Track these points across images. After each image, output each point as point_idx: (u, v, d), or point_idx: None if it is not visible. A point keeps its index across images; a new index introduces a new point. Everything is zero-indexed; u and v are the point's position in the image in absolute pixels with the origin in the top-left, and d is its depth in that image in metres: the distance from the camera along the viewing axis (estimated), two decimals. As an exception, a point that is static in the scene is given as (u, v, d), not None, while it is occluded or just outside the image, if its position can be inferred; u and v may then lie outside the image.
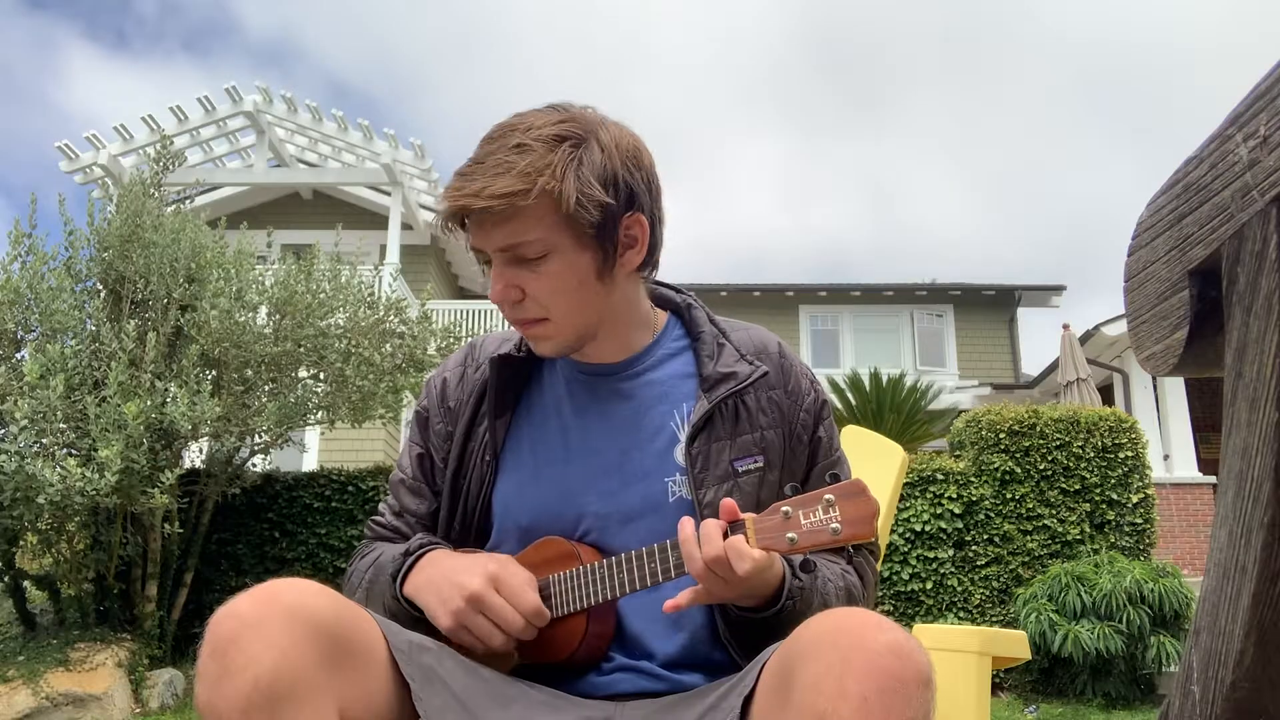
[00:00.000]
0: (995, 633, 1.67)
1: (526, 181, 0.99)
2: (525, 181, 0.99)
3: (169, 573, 5.72)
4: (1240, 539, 0.66)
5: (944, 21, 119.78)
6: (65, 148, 10.39)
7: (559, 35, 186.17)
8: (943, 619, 5.92)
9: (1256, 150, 0.65)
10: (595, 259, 1.05)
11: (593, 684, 1.06)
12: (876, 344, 14.94)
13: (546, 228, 1.01)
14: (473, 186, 0.99)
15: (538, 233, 1.01)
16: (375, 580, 1.13)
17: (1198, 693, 0.69)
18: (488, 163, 1.00)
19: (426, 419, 1.22)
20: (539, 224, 1.01)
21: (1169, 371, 0.79)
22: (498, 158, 1.00)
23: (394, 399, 6.11)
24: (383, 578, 1.11)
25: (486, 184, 0.99)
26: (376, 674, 0.89)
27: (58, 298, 4.94)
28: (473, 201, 0.99)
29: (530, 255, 1.02)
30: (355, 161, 11.84)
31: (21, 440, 4.44)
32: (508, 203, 0.99)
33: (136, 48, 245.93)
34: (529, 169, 0.99)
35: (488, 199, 0.98)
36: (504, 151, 1.00)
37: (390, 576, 1.10)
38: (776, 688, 0.83)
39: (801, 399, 1.17)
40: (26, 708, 4.55)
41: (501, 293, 1.05)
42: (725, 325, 1.20)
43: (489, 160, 1.00)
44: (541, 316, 1.06)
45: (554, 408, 1.17)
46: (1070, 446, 6.13)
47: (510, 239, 1.02)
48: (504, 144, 1.01)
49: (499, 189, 0.98)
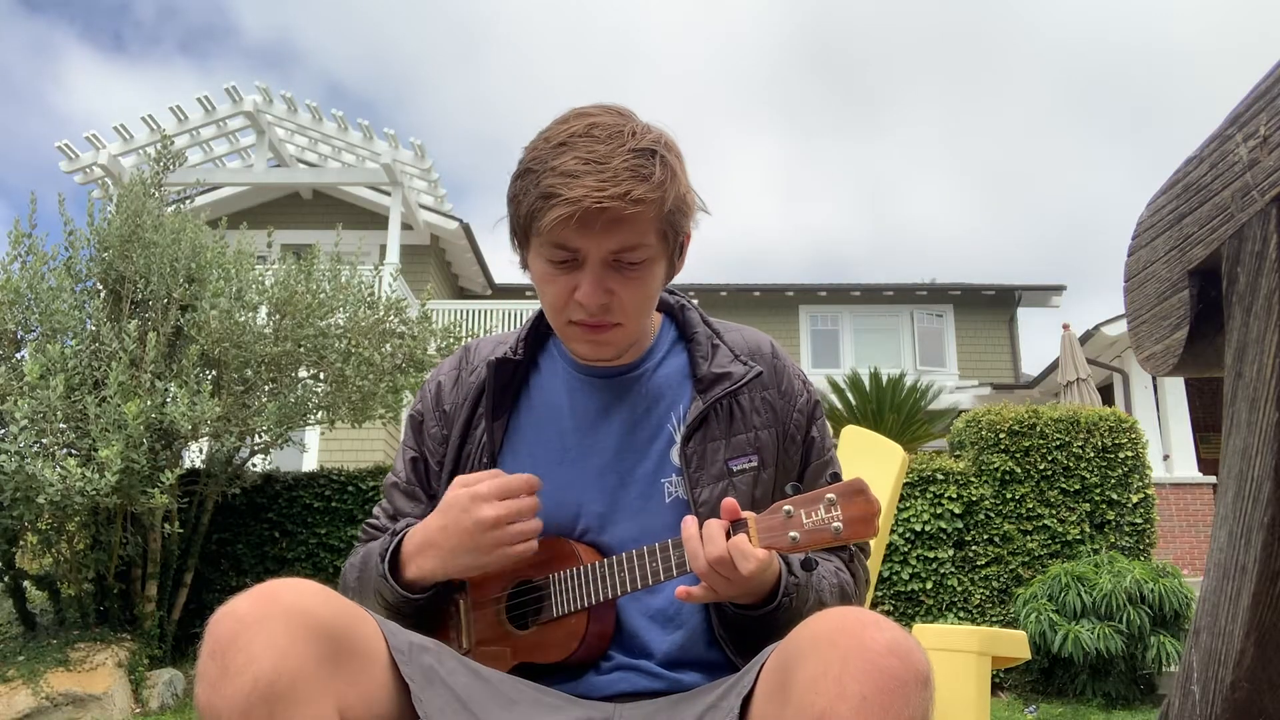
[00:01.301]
0: (995, 633, 1.67)
1: (661, 190, 0.99)
2: (660, 190, 0.99)
3: (169, 573, 5.72)
4: (1240, 539, 0.66)
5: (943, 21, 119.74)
6: (65, 148, 10.38)
7: (557, 38, 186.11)
8: (943, 619, 5.92)
9: (1256, 150, 0.65)
10: (668, 269, 1.08)
11: (592, 684, 1.06)
12: (876, 344, 14.94)
13: (655, 235, 1.02)
14: (614, 188, 0.96)
15: (649, 239, 1.02)
16: (365, 569, 1.13)
17: (1198, 693, 0.69)
18: (615, 164, 0.97)
19: (421, 423, 1.22)
20: (652, 231, 1.02)
21: (1169, 371, 0.79)
22: (626, 160, 0.98)
23: (394, 399, 6.11)
24: (371, 563, 1.12)
25: (630, 187, 0.97)
26: (376, 674, 0.89)
27: (58, 298, 4.94)
28: (618, 204, 0.96)
29: (634, 260, 1.02)
30: (355, 161, 11.84)
31: (21, 440, 4.44)
32: (645, 208, 0.98)
33: (134, 50, 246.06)
34: (663, 177, 0.99)
35: (631, 203, 0.97)
36: (628, 154, 0.98)
37: (379, 557, 1.10)
38: (775, 687, 0.83)
39: (794, 399, 1.17)
40: (26, 708, 4.55)
41: (594, 295, 1.02)
42: (719, 326, 1.21)
43: (615, 161, 0.97)
44: (617, 322, 1.06)
45: (552, 410, 1.17)
46: (1070, 446, 6.13)
47: (627, 242, 1.00)
48: (622, 144, 0.99)
49: (641, 193, 0.97)
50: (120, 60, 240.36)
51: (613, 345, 1.09)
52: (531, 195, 0.99)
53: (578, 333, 1.07)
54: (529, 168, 1.01)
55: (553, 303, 1.06)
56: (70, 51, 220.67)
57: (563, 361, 1.19)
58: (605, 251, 1.00)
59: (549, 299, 1.06)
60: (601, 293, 1.02)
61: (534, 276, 1.08)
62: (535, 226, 1.00)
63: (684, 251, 1.11)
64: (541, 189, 0.98)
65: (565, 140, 0.99)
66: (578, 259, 1.02)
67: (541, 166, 0.99)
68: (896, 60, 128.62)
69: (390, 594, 1.08)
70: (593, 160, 0.97)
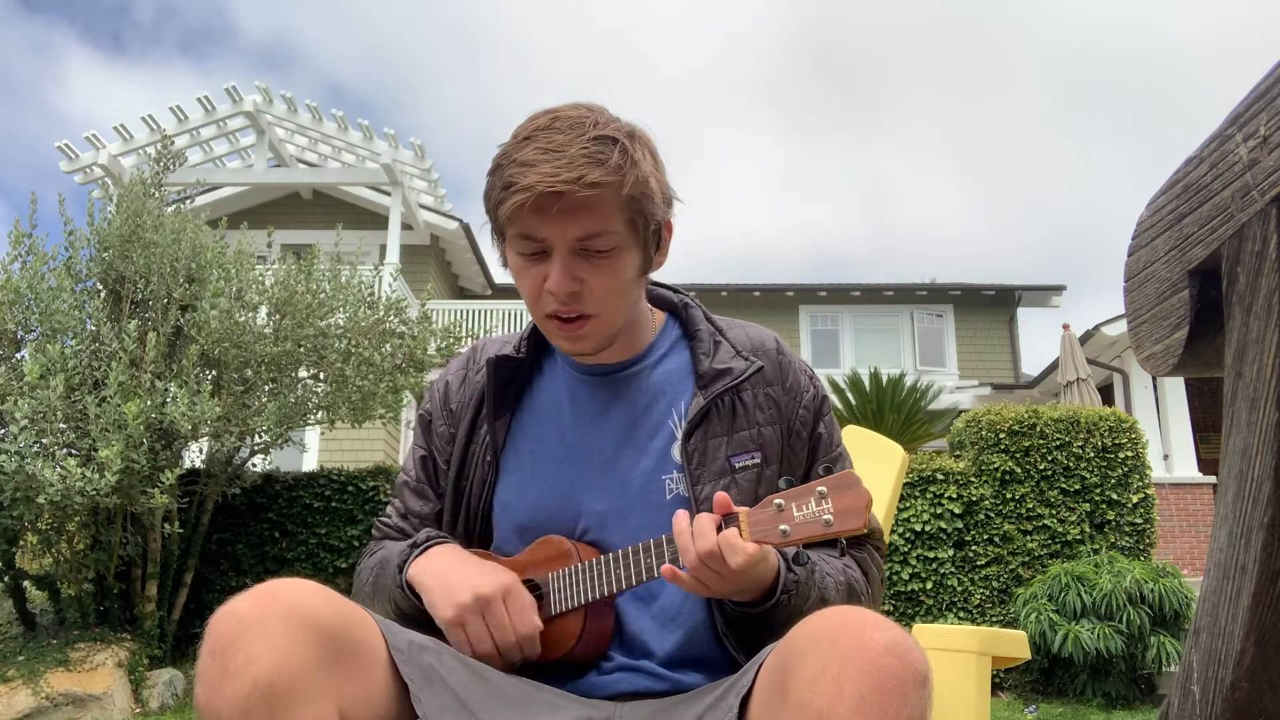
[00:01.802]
0: (995, 633, 1.67)
1: (619, 174, 1.00)
2: (617, 174, 0.99)
3: (169, 573, 5.72)
4: (1240, 539, 0.66)
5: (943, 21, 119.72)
6: (65, 148, 10.38)
7: (555, 39, 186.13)
8: (943, 619, 5.92)
9: (1256, 150, 0.65)
10: (642, 259, 1.08)
11: (593, 684, 1.06)
12: (876, 344, 14.94)
13: (621, 222, 1.02)
14: (568, 173, 0.97)
15: (615, 226, 1.02)
16: (382, 572, 1.14)
17: (1198, 693, 0.69)
18: (572, 151, 0.98)
19: (429, 422, 1.23)
20: (617, 218, 1.02)
21: (1169, 371, 0.79)
22: (584, 147, 0.99)
23: (394, 399, 6.11)
24: (389, 569, 1.13)
25: (584, 171, 0.97)
26: (376, 674, 0.89)
27: (58, 298, 4.94)
28: (572, 188, 0.97)
29: (601, 248, 1.02)
30: (355, 161, 11.84)
31: (21, 440, 4.44)
32: (601, 192, 0.99)
33: (133, 51, 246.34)
34: (621, 162, 1.00)
35: (586, 186, 0.97)
36: (586, 141, 0.99)
37: (396, 568, 1.11)
38: (774, 687, 0.83)
39: (800, 395, 1.17)
40: (26, 708, 4.55)
41: (562, 283, 1.02)
42: (722, 323, 1.21)
43: (573, 149, 0.98)
44: (591, 313, 1.06)
45: (554, 408, 1.17)
46: (1070, 446, 6.13)
47: (590, 229, 1.01)
48: (581, 134, 1.00)
49: (596, 177, 0.98)
50: (120, 61, 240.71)
51: (589, 339, 1.08)
52: (497, 189, 1.02)
53: (552, 326, 1.08)
54: (497, 163, 1.03)
55: (529, 295, 1.07)
56: (70, 52, 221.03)
57: (563, 360, 1.19)
58: (570, 239, 1.01)
59: (525, 292, 1.07)
60: (569, 280, 1.02)
61: (511, 271, 1.08)
62: (500, 217, 1.02)
63: (662, 243, 1.10)
64: (503, 180, 1.00)
65: (529, 134, 1.01)
66: (545, 249, 1.03)
67: (506, 160, 1.01)
68: (896, 60, 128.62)
69: (404, 602, 1.10)
70: (550, 149, 0.99)
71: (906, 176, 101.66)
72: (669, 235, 1.11)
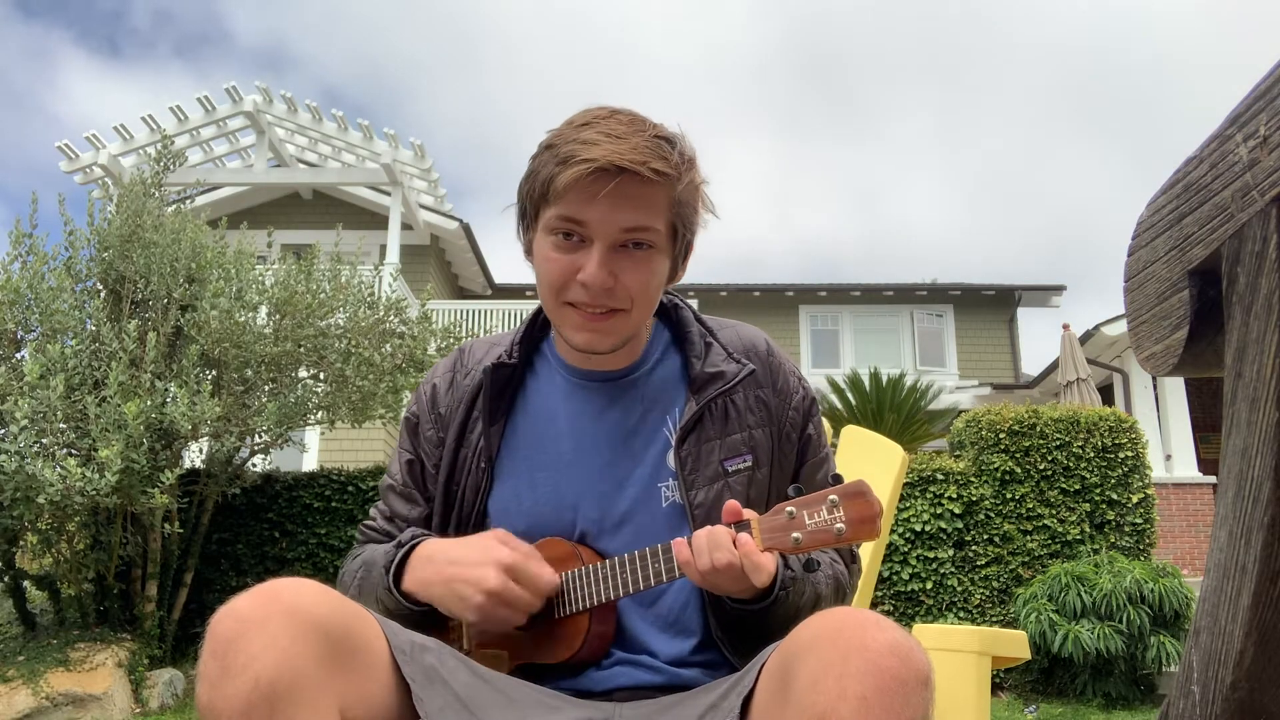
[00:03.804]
0: (995, 633, 1.67)
1: (678, 171, 1.01)
2: (677, 170, 1.01)
3: (169, 573, 5.72)
4: (1240, 539, 0.66)
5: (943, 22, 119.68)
6: (65, 148, 10.38)
7: (549, 42, 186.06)
8: (943, 619, 5.92)
9: (1256, 150, 0.65)
10: (670, 268, 1.09)
11: (593, 679, 1.06)
12: (876, 344, 14.94)
13: (664, 223, 1.03)
14: (635, 155, 0.97)
15: (659, 224, 1.03)
16: (367, 576, 1.13)
17: (1198, 693, 0.69)
18: (636, 140, 0.99)
19: (416, 425, 1.22)
20: (662, 218, 1.03)
21: (1169, 371, 0.79)
22: (648, 140, 0.99)
23: (394, 399, 6.11)
24: (375, 571, 1.11)
25: (649, 158, 0.98)
26: (377, 674, 0.89)
27: (58, 298, 4.94)
28: (639, 169, 0.97)
29: (645, 243, 1.03)
30: (355, 161, 11.83)
31: (21, 440, 4.44)
32: (660, 184, 1.00)
33: (129, 55, 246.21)
34: (680, 162, 1.01)
35: (651, 171, 0.98)
36: (649, 137, 1.00)
37: (383, 569, 1.09)
38: (776, 687, 0.83)
39: (790, 397, 1.17)
40: (26, 708, 4.55)
41: (598, 276, 1.01)
42: (713, 324, 1.21)
43: (637, 138, 0.99)
44: (621, 307, 1.05)
45: (549, 414, 1.16)
46: (1070, 446, 6.13)
47: (638, 221, 1.01)
48: (643, 129, 1.01)
49: (661, 166, 0.99)
50: (116, 65, 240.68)
51: (614, 335, 1.07)
52: (550, 164, 1.01)
53: (575, 317, 1.06)
54: (550, 144, 1.03)
55: (552, 281, 1.05)
56: (66, 56, 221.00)
57: (557, 365, 1.18)
58: (617, 228, 1.01)
59: (549, 277, 1.05)
60: (606, 274, 1.02)
61: (536, 257, 1.07)
62: (551, 190, 1.01)
63: (687, 257, 1.12)
64: (561, 155, 1.00)
65: (587, 121, 1.02)
66: (585, 237, 1.02)
67: (562, 140, 1.01)
68: (895, 61, 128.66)
69: (392, 603, 1.09)
70: (613, 134, 0.99)
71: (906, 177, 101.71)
72: (691, 251, 1.12)
